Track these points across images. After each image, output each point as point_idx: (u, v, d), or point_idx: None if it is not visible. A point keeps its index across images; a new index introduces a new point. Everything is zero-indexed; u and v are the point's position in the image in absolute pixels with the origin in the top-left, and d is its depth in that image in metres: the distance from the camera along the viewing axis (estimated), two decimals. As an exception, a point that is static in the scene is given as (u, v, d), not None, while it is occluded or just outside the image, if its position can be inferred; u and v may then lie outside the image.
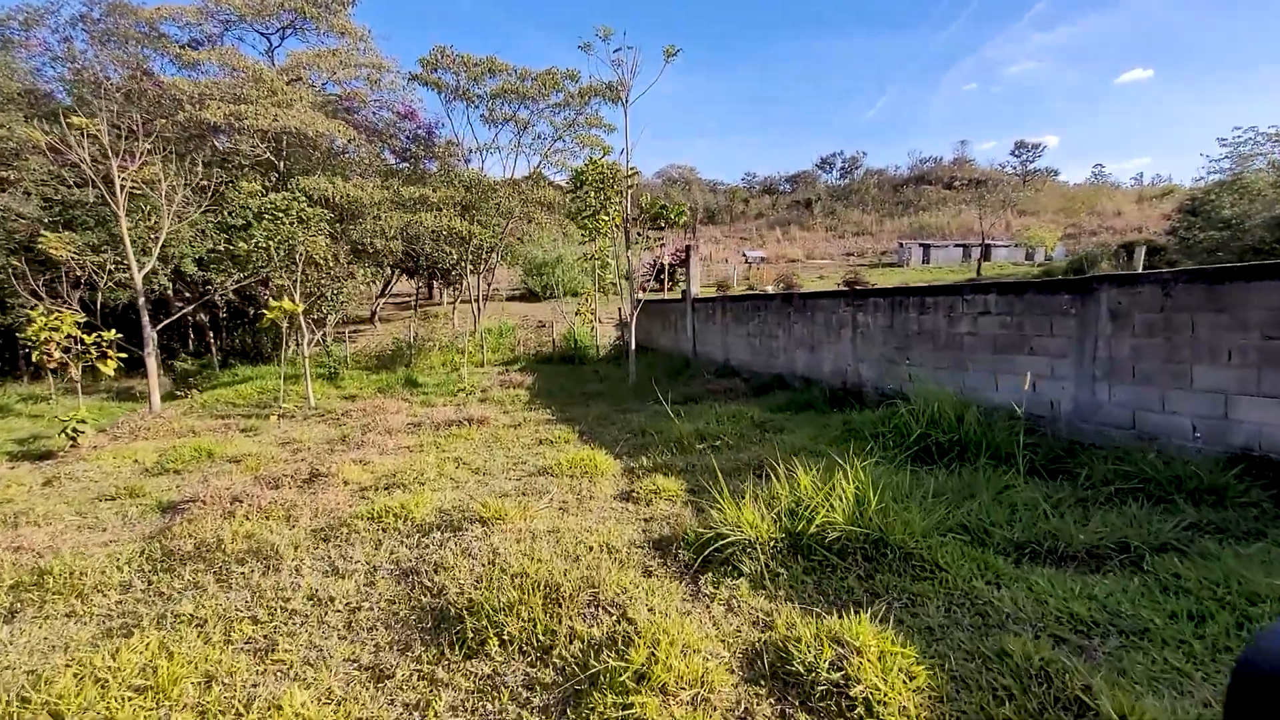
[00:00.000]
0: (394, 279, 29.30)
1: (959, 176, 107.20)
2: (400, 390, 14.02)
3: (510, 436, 8.21)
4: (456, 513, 4.90)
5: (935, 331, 7.11)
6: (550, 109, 19.00)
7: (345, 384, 14.93)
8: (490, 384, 13.45)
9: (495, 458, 7.09)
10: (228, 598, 3.77)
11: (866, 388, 8.30)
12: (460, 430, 8.64)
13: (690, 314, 13.87)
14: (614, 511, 4.90)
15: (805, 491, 4.07)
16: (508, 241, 21.41)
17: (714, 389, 9.95)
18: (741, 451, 6.19)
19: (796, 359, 9.94)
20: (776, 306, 10.46)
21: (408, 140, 19.62)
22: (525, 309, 28.85)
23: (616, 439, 7.56)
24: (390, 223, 14.89)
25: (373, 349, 21.83)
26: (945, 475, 4.75)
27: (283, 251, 11.48)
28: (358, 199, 15.03)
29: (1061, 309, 5.62)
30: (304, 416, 11.49)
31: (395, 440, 8.44)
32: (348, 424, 10.31)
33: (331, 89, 19.90)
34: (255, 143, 14.48)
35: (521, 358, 19.24)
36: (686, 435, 6.73)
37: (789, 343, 10.12)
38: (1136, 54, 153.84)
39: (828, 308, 9.06)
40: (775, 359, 10.55)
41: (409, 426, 9.37)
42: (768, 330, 10.73)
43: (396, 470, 6.63)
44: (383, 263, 18.39)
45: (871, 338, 8.19)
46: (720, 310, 12.59)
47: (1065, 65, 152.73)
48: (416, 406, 11.72)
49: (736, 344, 11.95)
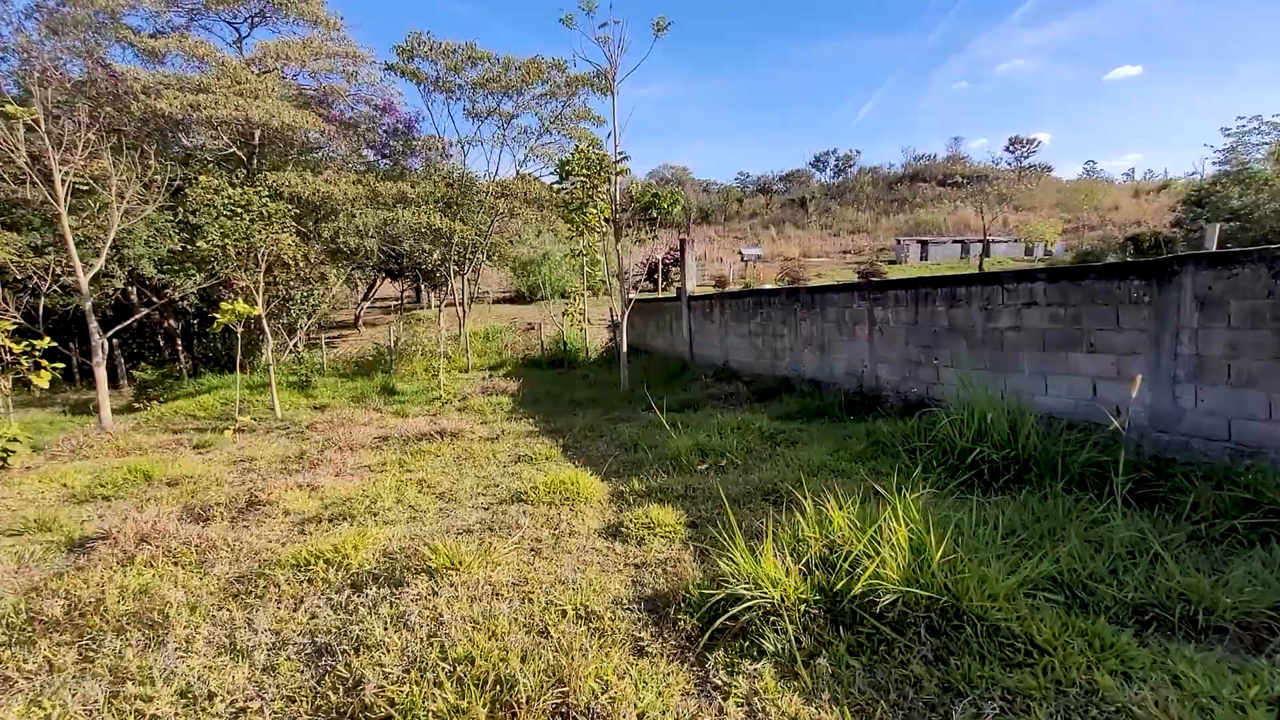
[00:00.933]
0: (378, 282, 28.31)
1: (953, 173, 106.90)
2: (375, 399, 13.06)
3: (485, 452, 7.26)
4: (403, 556, 3.95)
5: (969, 327, 6.20)
6: (536, 100, 18.05)
7: (317, 393, 13.94)
8: (472, 391, 12.49)
9: (464, 479, 6.13)
10: (74, 693, 2.81)
11: (886, 392, 7.38)
12: (430, 446, 7.69)
13: (686, 313, 12.95)
14: (597, 553, 3.95)
15: (841, 532, 3.15)
16: (494, 241, 20.45)
17: (714, 394, 9.02)
18: (750, 472, 5.26)
19: (805, 360, 9.02)
20: (781, 303, 9.55)
21: (386, 135, 18.63)
22: (515, 311, 27.89)
23: (605, 455, 6.62)
24: (366, 220, 13.93)
25: (353, 355, 20.83)
26: (1009, 504, 3.82)
27: (241, 250, 10.50)
28: (330, 195, 14.06)
29: (1131, 297, 4.71)
30: (267, 430, 10.53)
31: (356, 458, 7.48)
32: (311, 438, 9.35)
33: (306, 82, 18.93)
34: (219, 135, 13.48)
35: (509, 362, 18.28)
36: (685, 451, 5.79)
37: (796, 342, 9.20)
38: (1126, 51, 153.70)
39: (840, 303, 8.14)
40: (780, 360, 9.63)
41: (376, 441, 8.41)
42: (772, 329, 9.82)
43: (349, 497, 5.68)
44: (361, 264, 17.39)
45: (892, 336, 7.27)
46: (719, 308, 11.67)
47: (1055, 63, 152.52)
48: (389, 417, 10.76)
49: (737, 344, 11.03)
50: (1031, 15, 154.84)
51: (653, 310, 15.74)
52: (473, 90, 17.06)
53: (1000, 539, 3.27)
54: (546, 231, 20.31)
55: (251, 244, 10.56)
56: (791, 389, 9.15)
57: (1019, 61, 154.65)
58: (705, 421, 7.26)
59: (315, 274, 13.90)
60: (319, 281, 14.13)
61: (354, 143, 18.37)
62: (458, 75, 16.97)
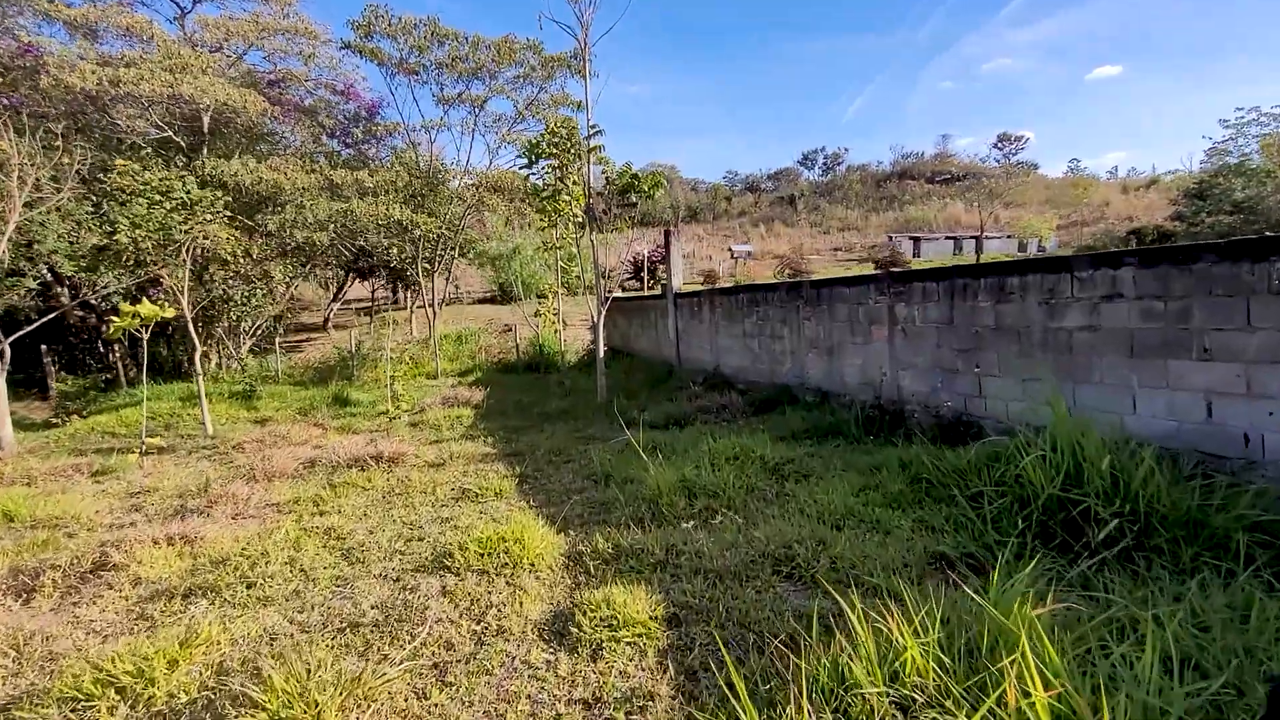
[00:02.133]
0: (349, 282, 26.78)
1: (942, 171, 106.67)
2: (325, 411, 11.63)
3: (424, 484, 5.91)
4: (241, 680, 2.61)
5: (1023, 326, 4.93)
6: (510, 84, 16.66)
7: (262, 404, 12.49)
8: (433, 401, 11.10)
9: (385, 527, 4.78)
10: None
11: (911, 406, 6.11)
12: (361, 475, 6.33)
13: (673, 312, 11.64)
14: (531, 678, 2.62)
15: (919, 678, 1.85)
16: (469, 237, 19.05)
17: (704, 407, 7.71)
18: (753, 524, 3.94)
19: (809, 366, 7.74)
20: (781, 299, 8.26)
21: (347, 121, 17.13)
22: (494, 312, 26.44)
23: (568, 490, 5.29)
24: (317, 211, 12.51)
25: (315, 360, 19.34)
26: (1161, 597, 2.53)
27: (159, 243, 9.07)
28: (276, 184, 12.62)
29: (1272, 285, 3.45)
30: (190, 450, 9.10)
31: (268, 492, 6.10)
32: (233, 461, 7.98)
33: (262, 65, 17.39)
34: (147, 116, 11.97)
35: (481, 367, 16.88)
36: (668, 490, 4.47)
37: (799, 345, 7.92)
38: (1106, 51, 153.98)
39: (853, 299, 6.86)
40: (780, 366, 8.35)
41: (301, 468, 7.03)
42: (770, 330, 8.53)
43: (228, 554, 4.33)
44: (312, 260, 15.86)
45: (918, 337, 6.00)
46: (708, 306, 10.37)
47: (1039, 62, 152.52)
48: (332, 434, 9.37)
49: (729, 347, 9.74)
50: (1020, 13, 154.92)
51: (635, 309, 14.42)
52: (439, 72, 15.66)
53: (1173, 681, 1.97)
54: (517, 222, 18.87)
55: (170, 235, 9.12)
56: (794, 399, 7.87)
57: (1005, 60, 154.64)
58: (694, 444, 5.95)
59: (258, 271, 12.45)
60: (262, 280, 12.67)
61: (313, 130, 16.87)
62: (422, 55, 15.55)
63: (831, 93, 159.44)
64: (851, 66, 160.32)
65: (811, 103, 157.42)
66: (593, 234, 9.23)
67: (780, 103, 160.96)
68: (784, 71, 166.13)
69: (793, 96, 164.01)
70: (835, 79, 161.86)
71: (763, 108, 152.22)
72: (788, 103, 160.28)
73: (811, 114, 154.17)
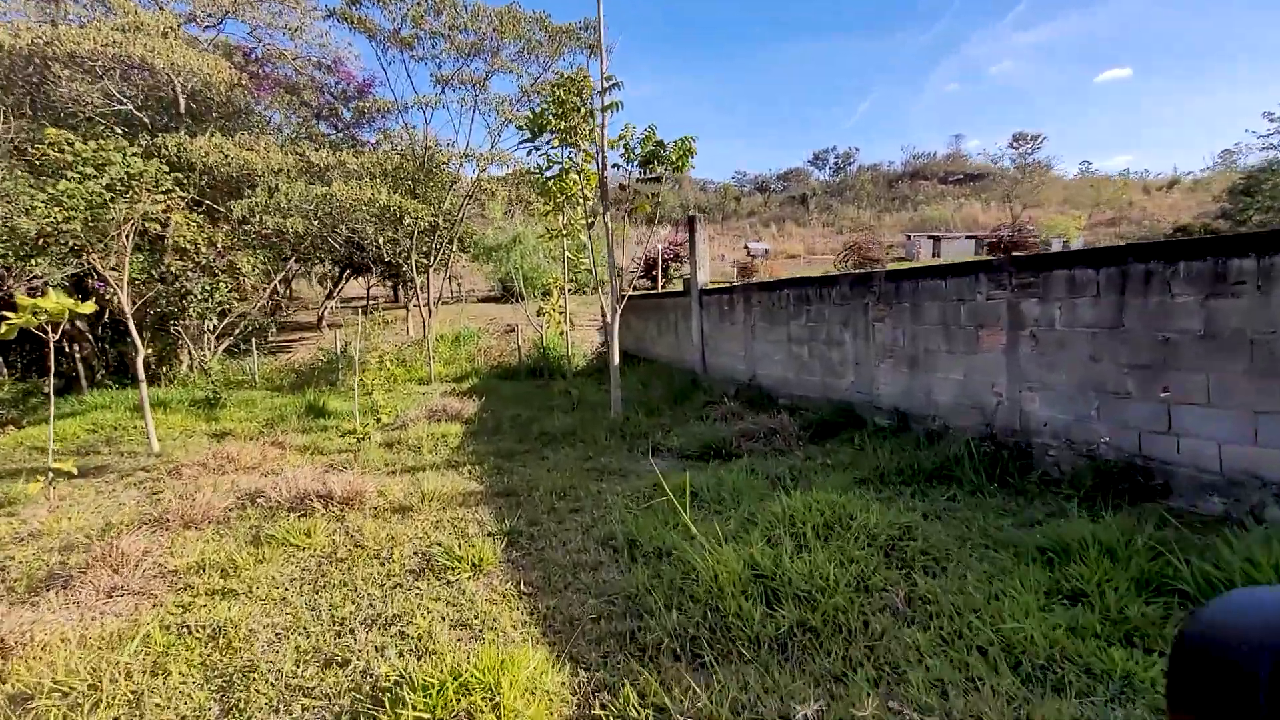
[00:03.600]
0: (345, 278, 25.32)
1: (954, 171, 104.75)
2: (295, 424, 10.09)
3: (378, 543, 4.33)
4: None
5: (1264, 334, 3.30)
6: (514, 59, 15.08)
7: (226, 414, 10.96)
8: (418, 414, 9.53)
9: (300, 628, 3.19)
10: None
11: (1043, 440, 4.48)
12: (301, 524, 4.74)
13: (698, 311, 10.03)
14: None
15: None
16: (466, 228, 17.49)
17: (749, 432, 6.08)
18: (898, 668, 2.32)
19: (880, 380, 6.11)
20: (843, 295, 6.63)
21: (332, 99, 15.56)
22: (496, 311, 24.87)
23: (575, 566, 3.67)
24: (291, 195, 10.98)
25: (301, 363, 17.83)
26: None
27: (84, 223, 7.55)
28: (248, 164, 11.09)
29: None
30: (123, 472, 7.61)
31: (172, 547, 4.54)
32: (161, 492, 6.44)
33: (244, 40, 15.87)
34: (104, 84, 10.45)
35: (479, 371, 15.32)
36: (731, 584, 2.86)
37: (866, 353, 6.29)
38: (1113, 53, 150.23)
39: (951, 293, 5.23)
40: (839, 378, 6.72)
41: (233, 507, 5.47)
42: (826, 334, 6.90)
43: (38, 687, 2.76)
44: (300, 253, 14.31)
45: (1059, 346, 4.36)
46: (742, 305, 8.75)
47: (1046, 64, 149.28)
48: (292, 455, 7.80)
49: (769, 354, 8.12)
50: (1025, 16, 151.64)
51: (653, 309, 12.81)
52: (434, 43, 14.10)
53: None
54: (519, 210, 17.21)
55: (100, 216, 7.60)
56: (858, 422, 6.24)
57: (1010, 63, 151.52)
58: (748, 491, 4.34)
59: (222, 263, 10.94)
60: (227, 273, 11.16)
61: (300, 112, 15.31)
62: (417, 26, 14.01)
63: (835, 95, 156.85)
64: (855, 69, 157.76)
65: (814, 105, 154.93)
66: (608, 216, 7.63)
67: (782, 105, 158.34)
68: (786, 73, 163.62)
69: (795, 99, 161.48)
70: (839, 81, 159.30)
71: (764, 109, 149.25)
72: (789, 105, 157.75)
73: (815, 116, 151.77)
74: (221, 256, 11.06)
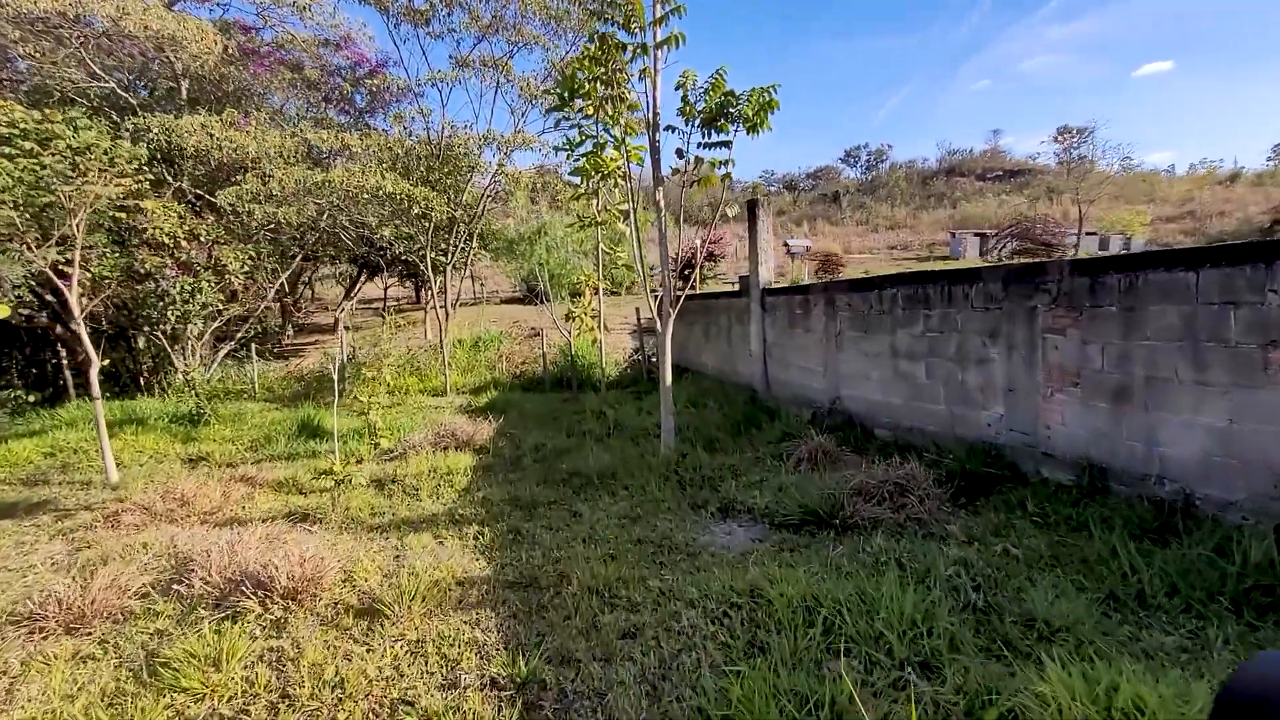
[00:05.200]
0: (360, 278, 24.10)
1: (993, 168, 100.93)
2: (283, 446, 8.63)
3: (313, 696, 2.68)
4: None
5: None
6: (544, 29, 13.47)
7: (209, 432, 9.53)
8: (424, 437, 7.95)
9: None
10: None
11: None
12: (211, 643, 3.13)
13: (759, 315, 8.27)
14: None
15: None
16: (487, 224, 15.95)
17: (864, 489, 4.28)
18: None
19: (1056, 416, 4.29)
20: (990, 295, 4.82)
21: (340, 78, 14.12)
22: (521, 313, 23.37)
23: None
24: (286, 181, 9.55)
25: (309, 370, 16.49)
26: None
27: (15, 206, 6.14)
28: (239, 146, 9.68)
29: None
30: (60, 513, 6.23)
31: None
32: (84, 547, 4.97)
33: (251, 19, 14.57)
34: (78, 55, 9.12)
35: (500, 381, 13.75)
36: None
37: (1030, 377, 4.47)
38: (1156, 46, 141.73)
39: (1209, 293, 3.40)
40: (978, 409, 4.91)
41: (144, 592, 3.91)
42: (957, 347, 5.09)
43: None
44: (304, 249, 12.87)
45: None
46: (822, 307, 6.97)
47: (1083, 59, 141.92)
48: (262, 494, 6.26)
49: (861, 371, 6.34)
50: (1060, 10, 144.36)
51: (698, 312, 11.06)
52: (449, 14, 12.57)
53: None
54: (544, 197, 15.56)
55: (30, 199, 6.17)
56: (1015, 473, 4.44)
57: (1045, 58, 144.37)
58: (917, 613, 2.60)
59: (206, 259, 9.55)
60: (210, 271, 9.75)
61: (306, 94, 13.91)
62: (433, -3, 12.51)
63: (861, 93, 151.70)
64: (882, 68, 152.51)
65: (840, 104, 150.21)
66: (660, 193, 5.93)
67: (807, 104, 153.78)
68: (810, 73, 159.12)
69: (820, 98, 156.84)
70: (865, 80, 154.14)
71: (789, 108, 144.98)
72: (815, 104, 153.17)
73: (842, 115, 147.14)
74: (204, 252, 9.66)
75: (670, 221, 6.60)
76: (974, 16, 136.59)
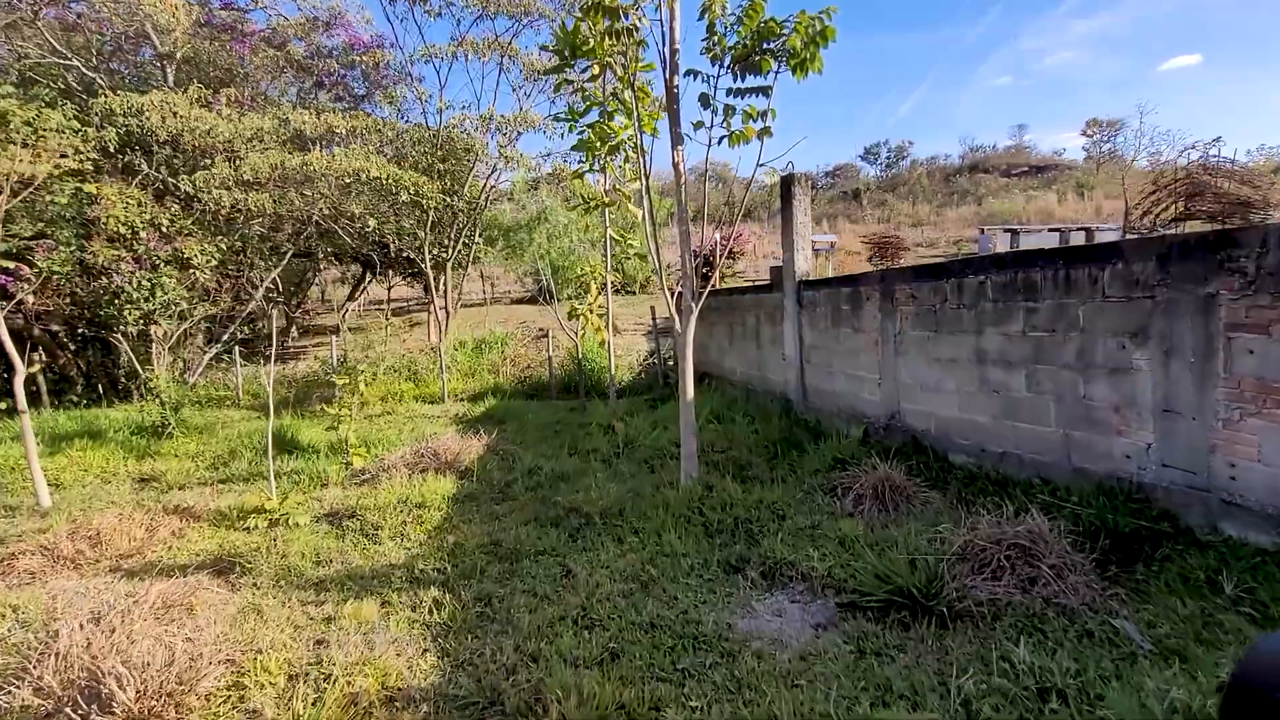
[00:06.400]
0: (365, 278, 23.20)
1: (1017, 164, 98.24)
2: (248, 463, 7.56)
3: None
4: None
5: None
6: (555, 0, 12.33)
7: (171, 446, 8.50)
8: (401, 455, 6.79)
9: None
10: None
11: None
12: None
13: (794, 312, 7.03)
14: None
15: None
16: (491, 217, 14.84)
17: (973, 551, 3.04)
18: None
19: (1240, 451, 3.01)
20: (1130, 278, 3.54)
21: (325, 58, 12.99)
22: (528, 313, 22.30)
23: None
24: (260, 166, 8.52)
25: (302, 375, 15.53)
26: None
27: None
28: (212, 129, 8.67)
29: None
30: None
31: None
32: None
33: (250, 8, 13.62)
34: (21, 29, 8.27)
35: (502, 387, 12.63)
36: None
37: (1200, 394, 3.19)
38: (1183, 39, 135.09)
39: None
40: (1107, 436, 3.63)
41: None
42: (1077, 350, 3.81)
43: None
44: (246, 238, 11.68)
45: None
46: (876, 301, 5.72)
47: (1106, 54, 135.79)
48: (196, 531, 5.16)
49: (930, 381, 5.08)
50: (1083, 4, 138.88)
51: (722, 309, 9.82)
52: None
53: None
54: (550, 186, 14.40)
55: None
56: (1176, 531, 3.17)
57: (1067, 54, 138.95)
58: None
59: (167, 252, 8.56)
60: (171, 265, 8.75)
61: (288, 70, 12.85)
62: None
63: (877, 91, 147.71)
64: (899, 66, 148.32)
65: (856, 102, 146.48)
66: (678, 153, 4.74)
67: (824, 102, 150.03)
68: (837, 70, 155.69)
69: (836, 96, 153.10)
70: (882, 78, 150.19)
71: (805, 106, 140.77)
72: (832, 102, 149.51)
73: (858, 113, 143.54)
74: (166, 244, 8.65)
75: (691, 209, 5.39)
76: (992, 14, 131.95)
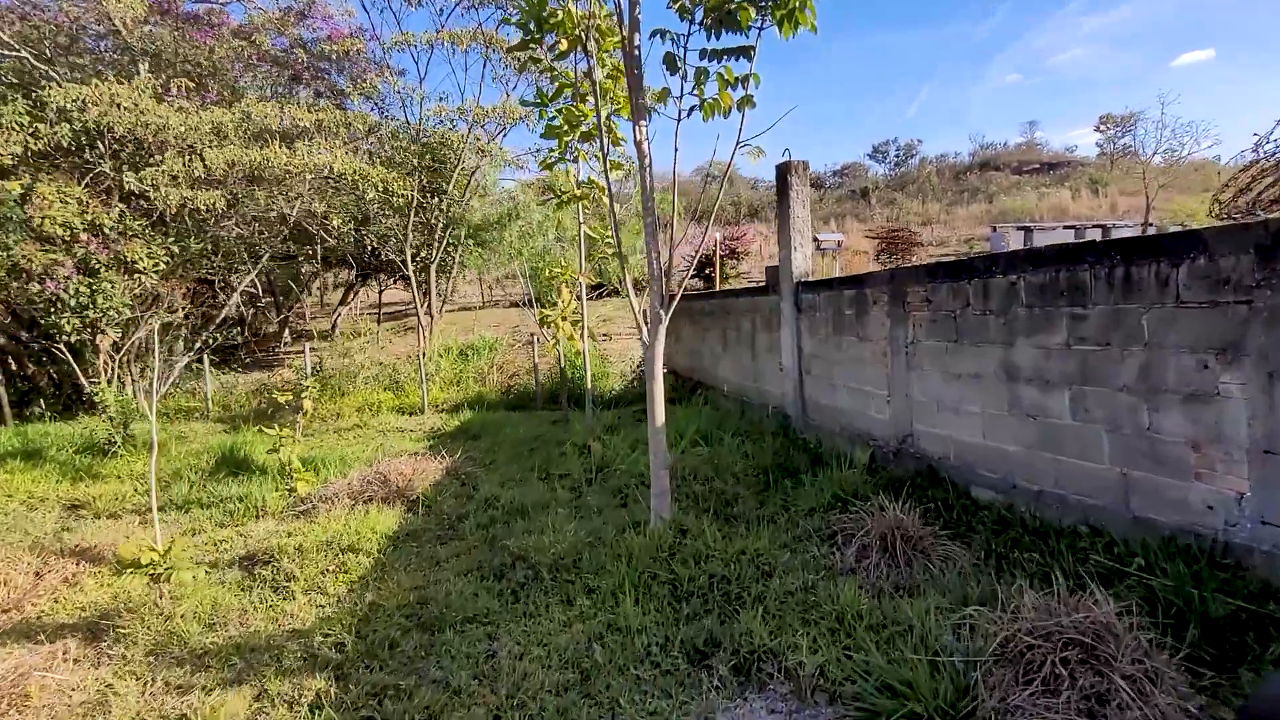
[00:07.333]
0: (357, 282, 22.58)
1: (1029, 161, 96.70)
2: (189, 487, 6.84)
3: None
4: None
5: None
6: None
7: (115, 467, 7.82)
8: (348, 483, 6.04)
9: None
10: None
11: None
12: None
13: (793, 317, 6.23)
14: None
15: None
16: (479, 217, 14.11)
17: (1017, 652, 2.26)
18: None
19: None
20: (1218, 275, 2.73)
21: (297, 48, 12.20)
22: (521, 317, 21.61)
23: None
24: (215, 162, 7.84)
25: (280, 384, 14.87)
26: None
27: None
28: (166, 124, 8.01)
29: None
30: None
31: None
32: None
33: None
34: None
35: (488, 396, 11.92)
36: None
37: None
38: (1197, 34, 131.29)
39: None
40: (1182, 478, 2.82)
41: None
42: (1140, 369, 3.01)
43: None
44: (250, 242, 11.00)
45: None
46: (885, 305, 4.92)
47: (1117, 50, 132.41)
48: (93, 577, 4.44)
49: (951, 399, 4.28)
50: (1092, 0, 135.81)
51: (715, 314, 9.04)
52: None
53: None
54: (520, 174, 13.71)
55: None
56: None
57: (1077, 50, 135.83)
58: None
59: (109, 257, 7.88)
60: (113, 269, 8.07)
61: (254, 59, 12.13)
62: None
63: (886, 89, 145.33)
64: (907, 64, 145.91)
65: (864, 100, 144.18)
66: (639, 128, 4.00)
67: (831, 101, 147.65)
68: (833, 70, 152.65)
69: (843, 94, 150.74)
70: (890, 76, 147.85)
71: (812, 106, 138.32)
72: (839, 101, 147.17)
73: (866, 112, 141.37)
74: (106, 247, 7.97)
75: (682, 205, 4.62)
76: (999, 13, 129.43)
